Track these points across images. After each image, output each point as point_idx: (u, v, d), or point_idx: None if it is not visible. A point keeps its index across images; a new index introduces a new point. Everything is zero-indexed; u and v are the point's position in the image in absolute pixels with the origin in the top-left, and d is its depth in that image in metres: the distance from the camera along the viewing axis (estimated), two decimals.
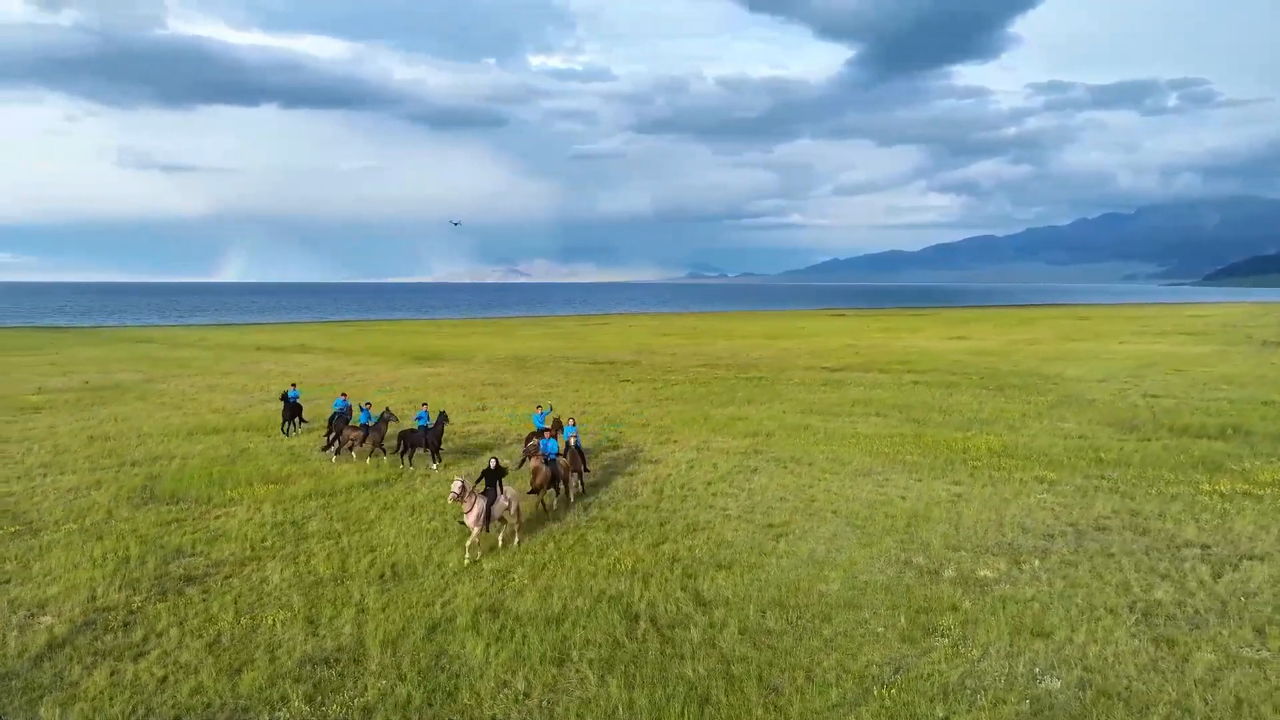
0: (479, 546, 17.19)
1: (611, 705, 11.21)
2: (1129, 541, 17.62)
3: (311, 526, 19.25)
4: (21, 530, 18.86)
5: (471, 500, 16.88)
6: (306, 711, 11.14)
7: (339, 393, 31.15)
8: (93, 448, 27.83)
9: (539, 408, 27.98)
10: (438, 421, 25.75)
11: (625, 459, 26.21)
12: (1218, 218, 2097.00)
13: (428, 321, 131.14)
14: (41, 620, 13.97)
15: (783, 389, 42.01)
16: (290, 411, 30.28)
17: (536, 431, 24.15)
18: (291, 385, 32.43)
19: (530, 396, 38.74)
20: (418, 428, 25.71)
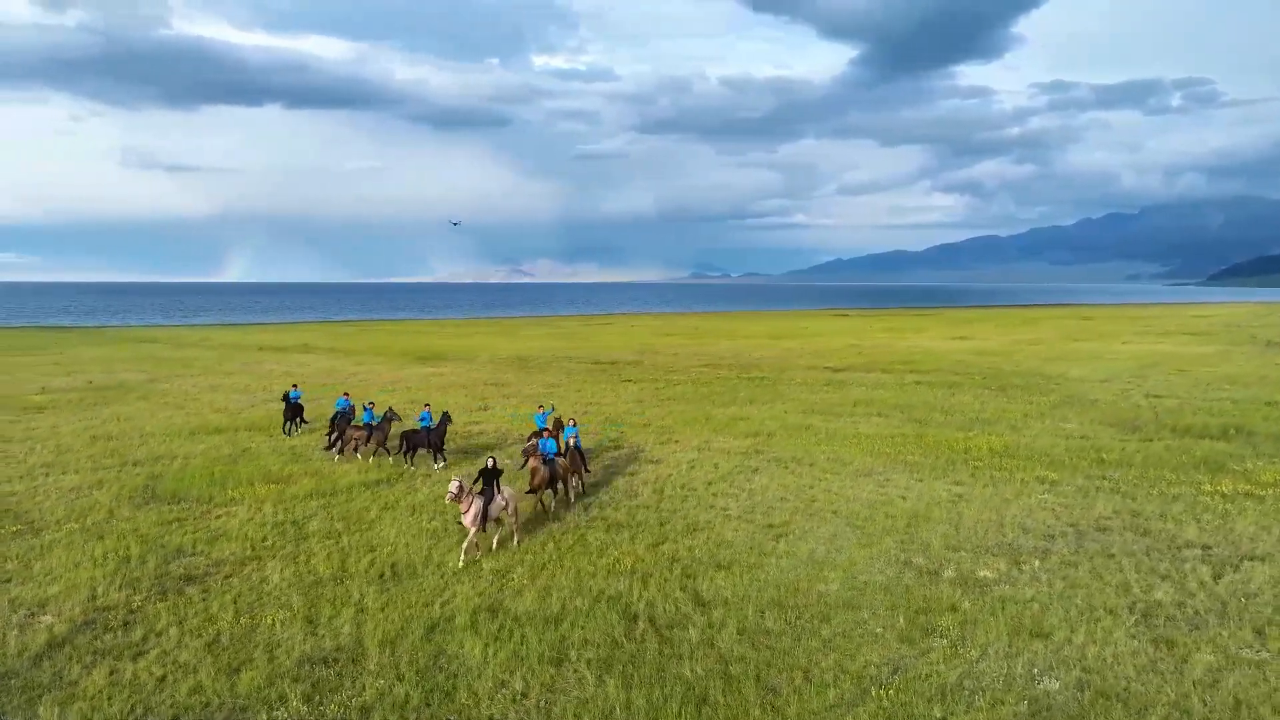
0: (477, 547, 17.21)
1: (609, 705, 11.21)
2: (1130, 542, 17.58)
3: (312, 526, 19.28)
4: (23, 530, 18.91)
5: (469, 500, 16.88)
6: (304, 711, 11.15)
7: (341, 392, 31.18)
8: (95, 447, 27.88)
9: (541, 407, 28.00)
10: (441, 422, 25.78)
11: (626, 459, 26.21)
12: (1222, 218, 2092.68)
13: (431, 321, 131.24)
14: (42, 619, 14.00)
15: (785, 389, 41.98)
16: (291, 412, 30.33)
17: (537, 431, 24.16)
18: (293, 385, 32.48)
19: (532, 396, 38.75)
20: (420, 428, 25.75)
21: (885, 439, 28.58)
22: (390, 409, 27.29)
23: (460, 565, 16.47)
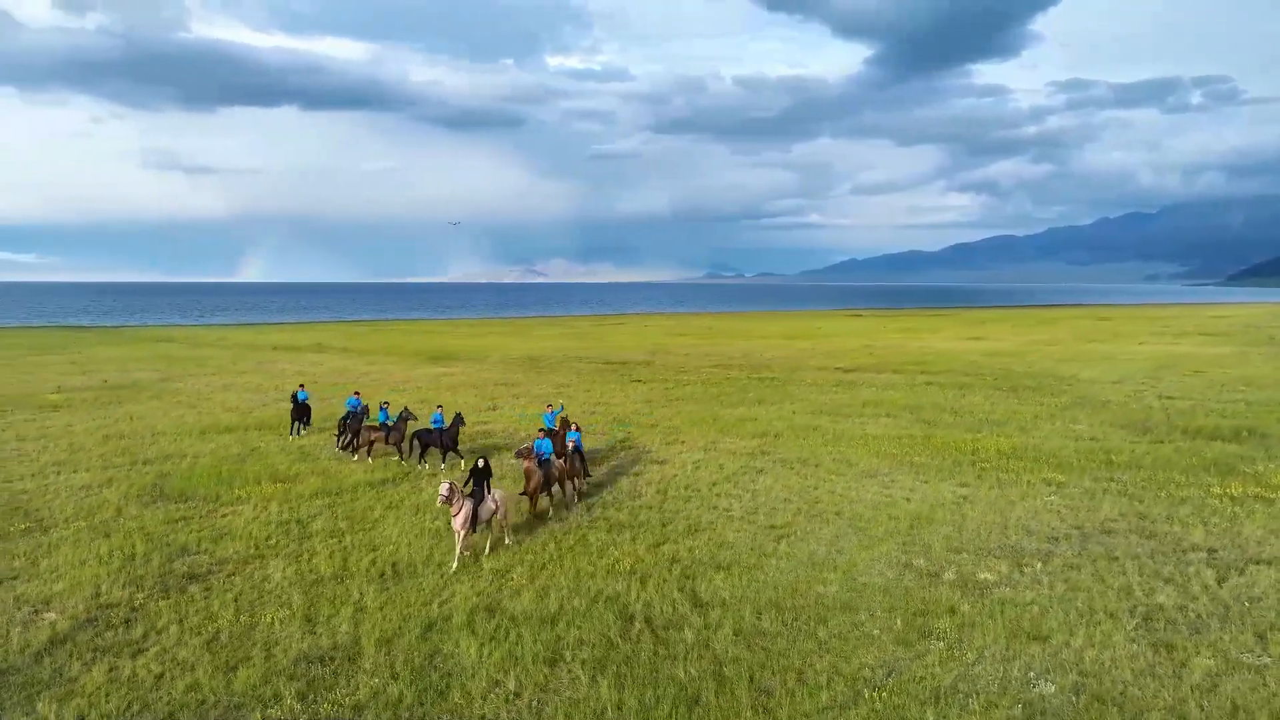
0: (467, 549, 17.12)
1: (601, 706, 11.22)
2: (1134, 545, 17.44)
3: (316, 525, 19.39)
4: (32, 527, 19.13)
5: (460, 503, 16.86)
6: (298, 709, 11.21)
7: (351, 392, 31.36)
8: (107, 446, 28.16)
9: (549, 407, 28.07)
10: (453, 423, 25.90)
11: (632, 459, 26.22)
12: (1242, 217, 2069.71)
13: (444, 321, 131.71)
14: (45, 616, 14.16)
15: (794, 390, 41.89)
16: (298, 412, 30.46)
17: (546, 431, 24.21)
18: (300, 386, 32.67)
19: (542, 396, 38.84)
20: (433, 428, 25.89)
21: (893, 440, 28.46)
22: (406, 409, 27.40)
23: (454, 567, 16.47)
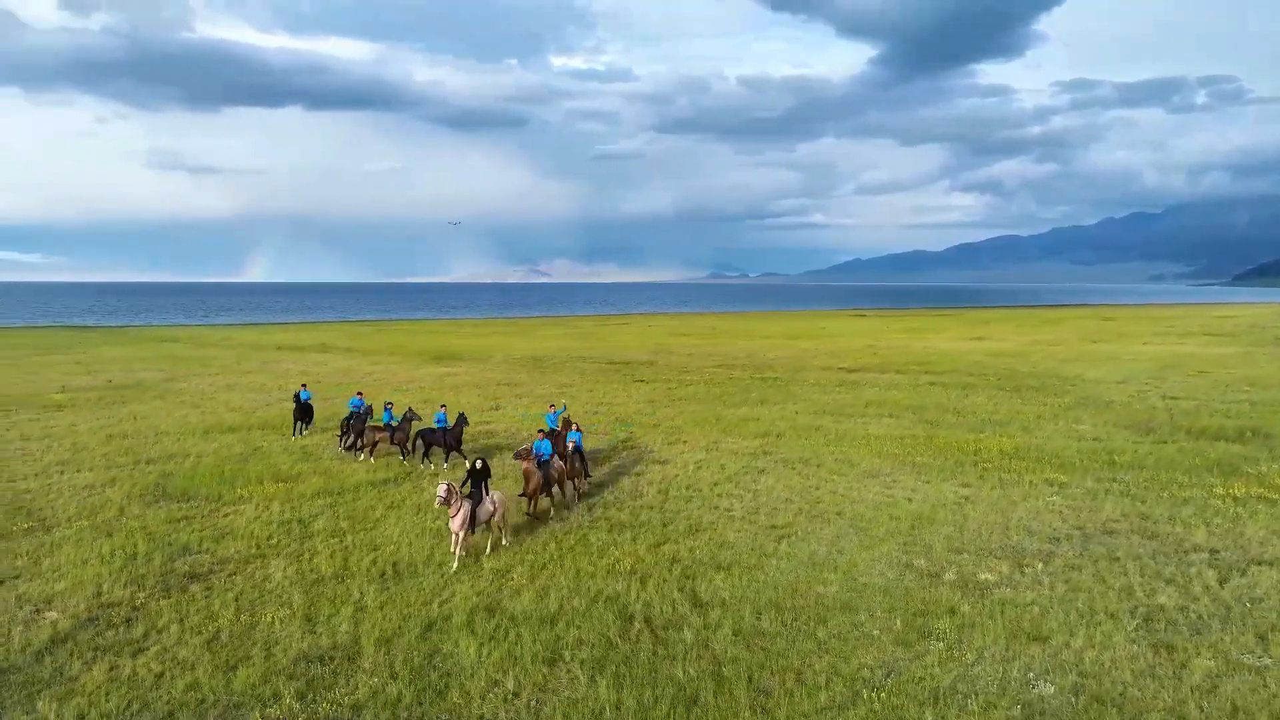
0: (466, 550, 17.05)
1: (599, 705, 11.22)
2: (1136, 545, 17.40)
3: (318, 525, 19.43)
4: (35, 527, 19.19)
5: (458, 504, 16.83)
6: (297, 709, 11.23)
7: (355, 392, 31.40)
8: (110, 446, 28.23)
9: (552, 407, 28.08)
10: (457, 423, 25.92)
11: (633, 459, 26.22)
12: (1248, 217, 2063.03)
13: (448, 321, 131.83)
14: (47, 615, 14.20)
15: (797, 390, 41.86)
16: (301, 413, 30.48)
17: (549, 431, 24.23)
18: (302, 385, 32.72)
19: (544, 396, 38.85)
20: (436, 428, 25.92)
21: (895, 440, 28.43)
22: (410, 409, 27.41)
23: (454, 568, 16.46)
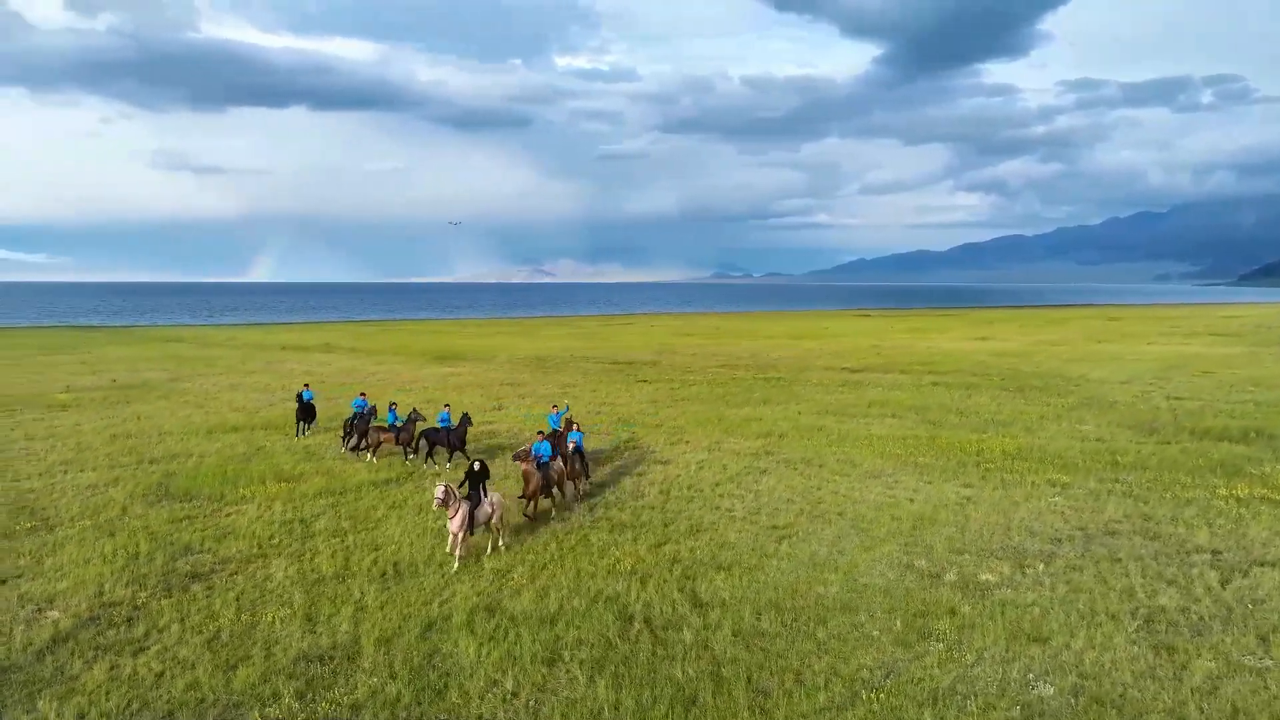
0: (466, 552, 17.02)
1: (598, 706, 11.23)
2: (1138, 546, 17.36)
3: (319, 524, 19.46)
4: (38, 526, 19.25)
5: (456, 506, 16.80)
6: (296, 708, 11.26)
7: (358, 392, 31.42)
8: (114, 445, 28.31)
9: (555, 407, 28.08)
10: (461, 423, 25.91)
11: (635, 459, 26.22)
12: (1254, 216, 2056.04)
13: (452, 321, 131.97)
14: (48, 615, 14.25)
15: (800, 390, 41.83)
16: (303, 412, 30.51)
17: (552, 432, 24.24)
18: (305, 385, 32.76)
19: (547, 396, 38.86)
20: (440, 428, 25.95)
21: (897, 440, 28.39)
22: (415, 409, 27.44)
23: (455, 568, 16.47)
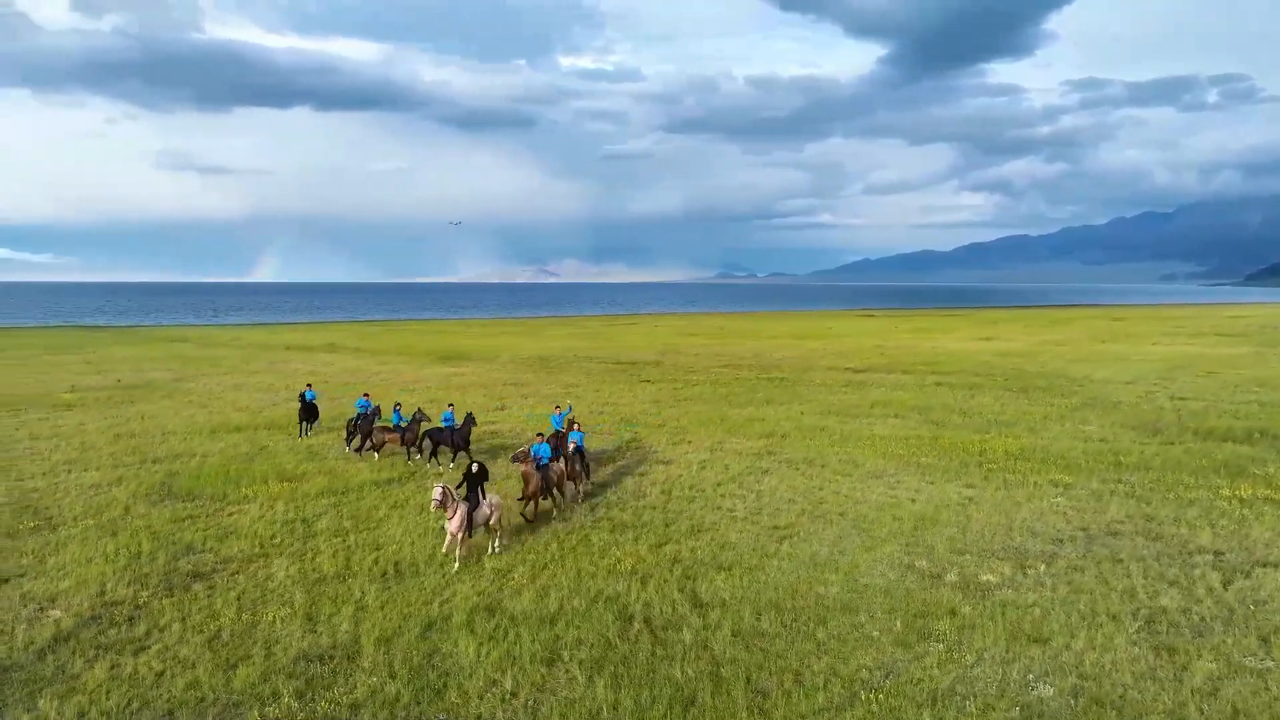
0: (462, 552, 16.98)
1: (596, 706, 11.23)
2: (1140, 547, 17.32)
3: (321, 524, 19.49)
4: (41, 525, 19.31)
5: (454, 507, 16.77)
6: (295, 707, 11.28)
7: (361, 393, 31.47)
8: (117, 445, 28.39)
9: (557, 408, 28.09)
10: (465, 423, 25.91)
11: (637, 460, 26.22)
12: (1260, 216, 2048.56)
13: (456, 321, 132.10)
14: (50, 614, 14.29)
15: (803, 390, 41.80)
16: (306, 413, 30.55)
17: (555, 433, 24.26)
18: (307, 386, 32.81)
19: (550, 396, 38.88)
20: (444, 428, 25.98)
21: (900, 441, 28.36)
22: (419, 409, 27.45)
23: (456, 568, 16.46)
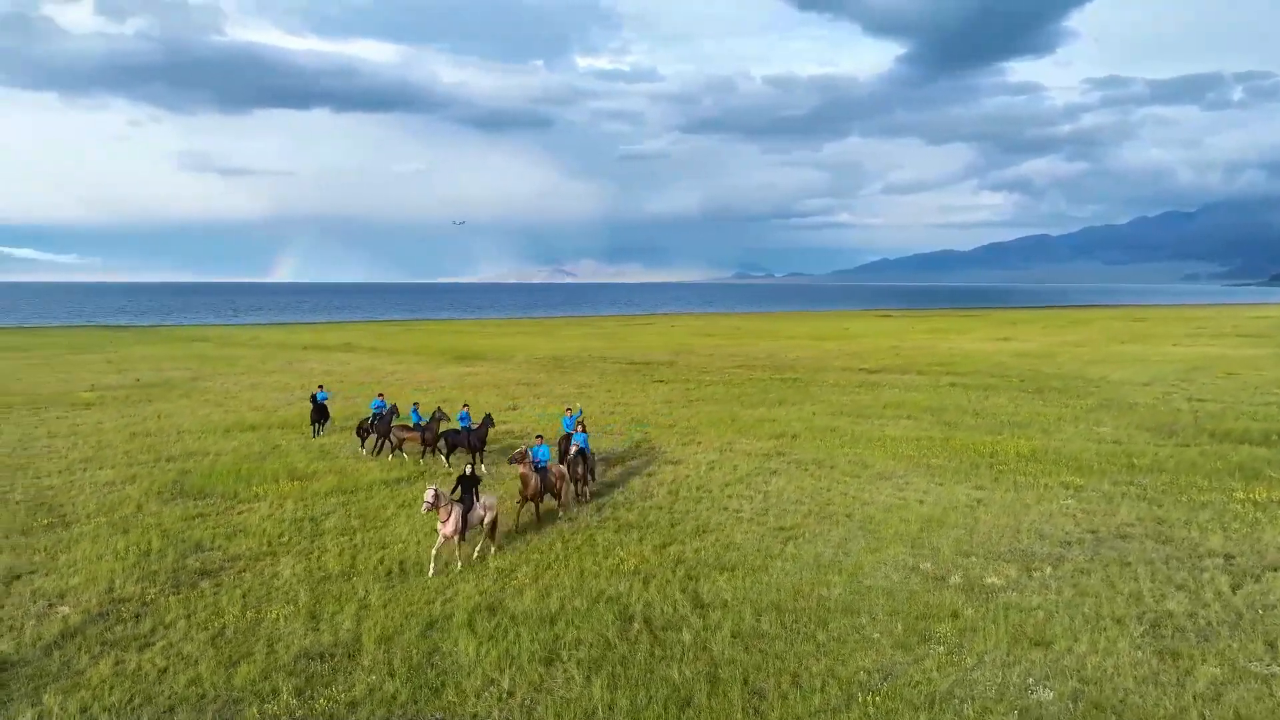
0: (456, 556, 16.94)
1: (592, 705, 11.24)
2: (1149, 550, 17.14)
3: (329, 523, 19.64)
4: (54, 522, 19.57)
5: (448, 510, 16.75)
6: (294, 705, 11.37)
7: (375, 393, 31.63)
8: (133, 443, 28.71)
9: (569, 410, 28.12)
10: (483, 423, 25.93)
11: (646, 460, 26.23)
12: None
13: (472, 321, 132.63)
14: (59, 610, 14.48)
15: (816, 390, 41.66)
16: (317, 413, 30.72)
17: (565, 435, 24.31)
18: (319, 387, 32.99)
19: (563, 396, 38.96)
20: (460, 428, 26.06)
21: (911, 442, 28.20)
22: (439, 409, 27.50)
23: (459, 567, 16.51)
